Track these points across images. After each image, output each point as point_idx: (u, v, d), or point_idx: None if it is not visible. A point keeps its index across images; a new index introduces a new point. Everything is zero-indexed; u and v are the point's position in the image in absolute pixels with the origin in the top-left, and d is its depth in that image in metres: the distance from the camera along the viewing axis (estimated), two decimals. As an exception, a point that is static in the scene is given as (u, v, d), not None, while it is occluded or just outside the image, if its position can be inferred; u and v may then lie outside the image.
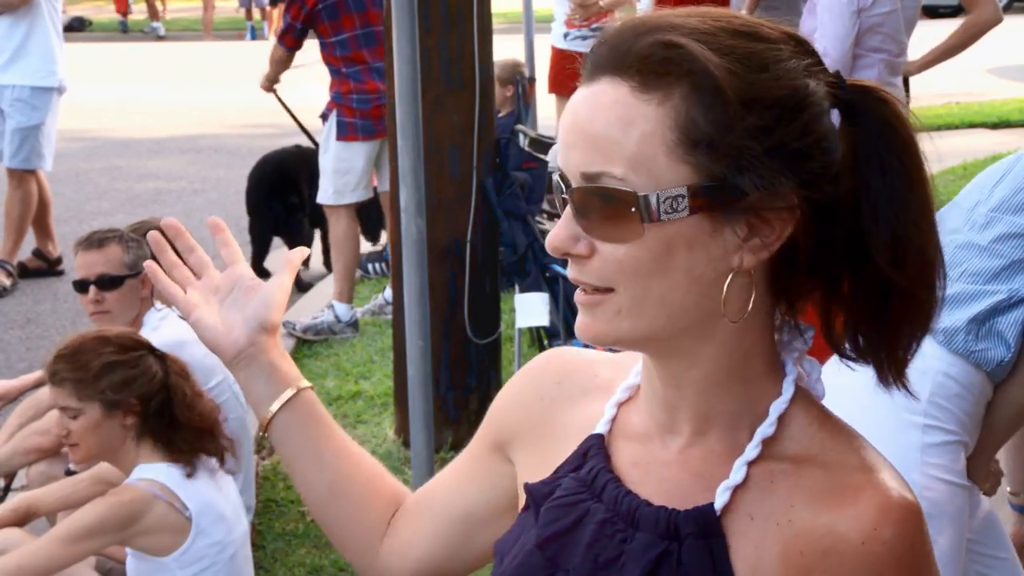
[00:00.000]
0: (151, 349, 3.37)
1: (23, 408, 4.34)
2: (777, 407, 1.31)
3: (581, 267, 1.27)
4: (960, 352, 2.62)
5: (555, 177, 1.30)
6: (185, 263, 1.56)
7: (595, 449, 1.38)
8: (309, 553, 4.44)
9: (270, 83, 7.29)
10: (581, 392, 1.45)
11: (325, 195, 6.82)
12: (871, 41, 4.87)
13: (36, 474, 4.11)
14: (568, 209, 1.27)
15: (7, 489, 4.29)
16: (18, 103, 7.51)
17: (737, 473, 1.29)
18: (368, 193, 6.93)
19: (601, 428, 1.39)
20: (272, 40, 7.43)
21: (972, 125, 11.15)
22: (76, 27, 21.68)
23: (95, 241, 4.12)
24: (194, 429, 3.31)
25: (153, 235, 1.54)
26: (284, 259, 1.55)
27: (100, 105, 14.22)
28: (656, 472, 1.34)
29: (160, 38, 22.32)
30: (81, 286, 4.10)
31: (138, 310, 4.13)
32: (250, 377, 1.52)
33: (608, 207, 1.23)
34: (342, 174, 6.73)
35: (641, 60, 1.23)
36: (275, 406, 1.51)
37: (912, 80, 5.55)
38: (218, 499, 3.30)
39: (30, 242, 7.88)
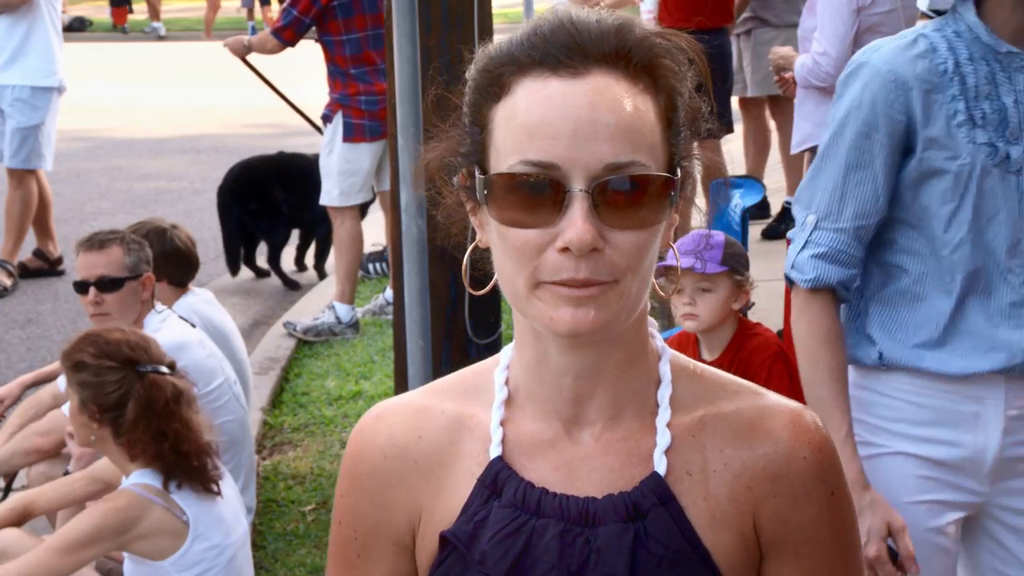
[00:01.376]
0: (132, 367, 3.25)
1: (24, 408, 4.34)
2: (665, 368, 1.37)
3: (594, 262, 1.24)
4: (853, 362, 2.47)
5: (525, 170, 1.24)
6: None
7: (505, 472, 1.35)
8: (310, 553, 4.44)
9: (243, 54, 7.06)
10: (443, 433, 1.40)
11: (330, 197, 6.79)
12: (870, 41, 4.87)
13: (37, 474, 4.11)
14: (584, 203, 1.23)
15: (8, 489, 4.29)
16: (18, 103, 7.51)
17: (663, 436, 1.34)
18: (369, 195, 6.91)
19: (496, 451, 1.36)
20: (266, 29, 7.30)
21: (972, 125, 11.13)
22: (76, 27, 21.68)
23: (96, 242, 4.11)
24: (181, 454, 3.25)
25: None
26: None
27: (100, 105, 14.23)
28: (581, 467, 1.35)
29: (161, 38, 22.33)
30: (81, 287, 4.09)
31: (138, 312, 4.12)
32: None
33: (640, 194, 1.25)
34: (348, 175, 6.72)
35: (637, 54, 1.27)
36: None
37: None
38: (216, 502, 3.29)
39: (31, 242, 7.89)
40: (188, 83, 16.31)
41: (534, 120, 1.25)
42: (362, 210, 7.04)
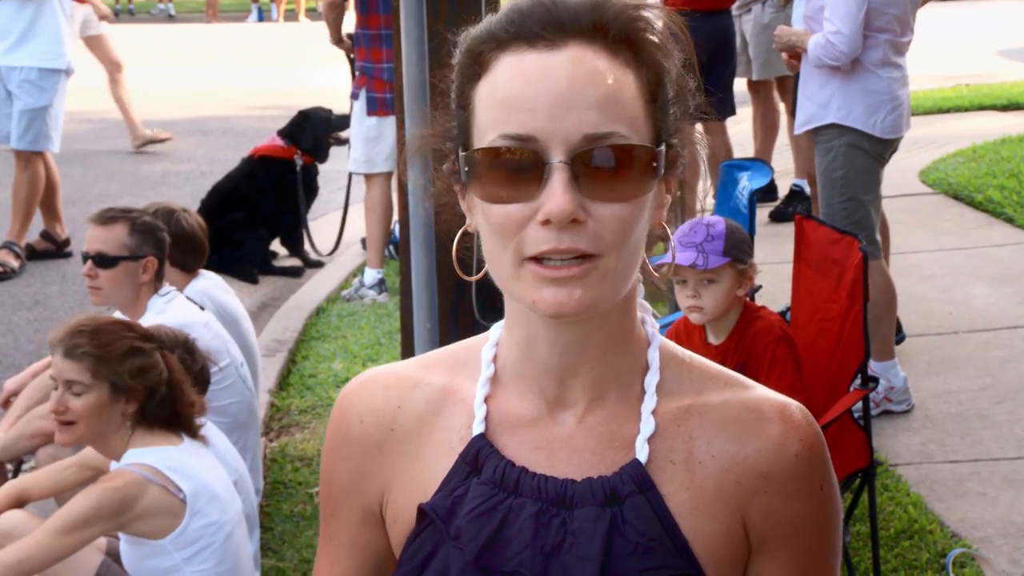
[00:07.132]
0: (161, 345, 3.36)
1: (30, 390, 4.34)
2: (653, 355, 1.36)
3: (575, 235, 1.23)
4: None
5: (504, 144, 1.24)
6: None
7: (486, 449, 1.35)
8: (317, 534, 4.44)
9: (336, 40, 7.35)
10: (425, 404, 1.40)
11: (357, 164, 6.99)
12: (878, 22, 4.85)
13: (46, 456, 4.11)
14: (564, 174, 1.22)
15: (17, 471, 4.30)
16: (26, 85, 7.51)
17: (647, 424, 1.32)
18: (392, 165, 6.91)
19: (479, 428, 1.36)
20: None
21: (981, 107, 11.10)
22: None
23: (103, 218, 4.11)
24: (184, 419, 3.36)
25: None
26: None
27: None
28: (562, 448, 1.34)
29: (171, 18, 22.33)
30: (84, 258, 4.11)
31: (131, 294, 4.10)
32: None
33: (621, 165, 1.24)
34: (374, 143, 6.88)
35: (615, 26, 1.26)
36: None
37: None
38: (210, 479, 3.30)
39: (38, 224, 7.90)
40: (196, 64, 16.28)
41: (512, 94, 1.24)
42: None
